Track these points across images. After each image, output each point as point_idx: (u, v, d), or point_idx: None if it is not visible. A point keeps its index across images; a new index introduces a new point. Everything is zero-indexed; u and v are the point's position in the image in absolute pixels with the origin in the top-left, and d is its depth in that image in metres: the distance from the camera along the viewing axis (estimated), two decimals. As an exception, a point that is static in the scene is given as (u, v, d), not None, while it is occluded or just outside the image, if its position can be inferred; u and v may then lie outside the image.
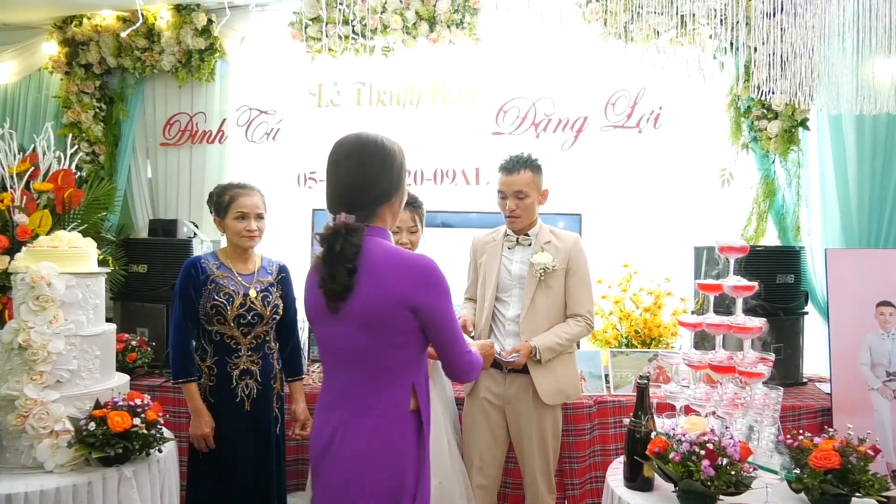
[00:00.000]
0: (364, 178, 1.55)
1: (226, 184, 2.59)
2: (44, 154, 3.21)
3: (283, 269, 2.64)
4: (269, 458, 2.52)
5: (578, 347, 2.75)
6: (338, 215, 1.52)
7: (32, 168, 3.17)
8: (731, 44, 3.49)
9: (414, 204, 2.68)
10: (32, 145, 3.22)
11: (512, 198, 2.58)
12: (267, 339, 2.54)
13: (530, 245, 2.65)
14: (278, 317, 2.55)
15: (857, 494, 1.85)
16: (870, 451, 1.91)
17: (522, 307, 2.62)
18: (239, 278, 2.50)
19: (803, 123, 3.52)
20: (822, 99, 2.84)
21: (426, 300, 1.52)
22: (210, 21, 4.08)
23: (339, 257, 1.49)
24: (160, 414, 2.31)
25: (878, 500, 1.89)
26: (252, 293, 2.48)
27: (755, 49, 2.95)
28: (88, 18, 4.21)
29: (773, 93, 2.90)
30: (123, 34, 4.07)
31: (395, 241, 2.64)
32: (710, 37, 3.53)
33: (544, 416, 2.61)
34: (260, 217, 2.53)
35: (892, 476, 2.85)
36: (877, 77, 2.76)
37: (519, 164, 2.58)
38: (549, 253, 2.60)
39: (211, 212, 2.58)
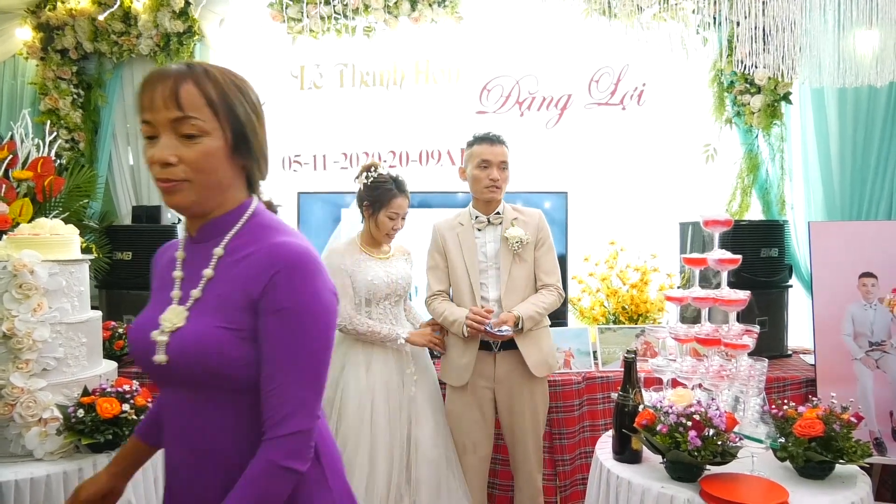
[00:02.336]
0: None
1: None
2: (22, 142, 3.15)
3: None
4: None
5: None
6: None
7: (11, 156, 3.11)
8: (714, 18, 3.48)
9: (406, 190, 2.75)
10: (10, 133, 3.16)
11: (497, 167, 2.64)
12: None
13: (500, 224, 2.70)
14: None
15: (841, 461, 1.89)
16: (853, 419, 1.95)
17: (501, 286, 2.65)
18: None
19: (786, 97, 3.54)
20: (805, 72, 2.85)
21: None
22: (188, 3, 3.98)
23: None
24: (149, 400, 2.29)
25: (860, 467, 1.94)
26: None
27: (738, 23, 2.95)
28: (63, 2, 4.10)
29: (756, 67, 2.91)
30: (100, 18, 3.99)
31: (392, 227, 2.69)
32: (693, 12, 3.53)
33: (535, 390, 2.66)
34: None
35: (874, 443, 2.91)
36: (858, 50, 2.76)
37: (499, 139, 2.68)
38: (519, 227, 2.66)
39: None
